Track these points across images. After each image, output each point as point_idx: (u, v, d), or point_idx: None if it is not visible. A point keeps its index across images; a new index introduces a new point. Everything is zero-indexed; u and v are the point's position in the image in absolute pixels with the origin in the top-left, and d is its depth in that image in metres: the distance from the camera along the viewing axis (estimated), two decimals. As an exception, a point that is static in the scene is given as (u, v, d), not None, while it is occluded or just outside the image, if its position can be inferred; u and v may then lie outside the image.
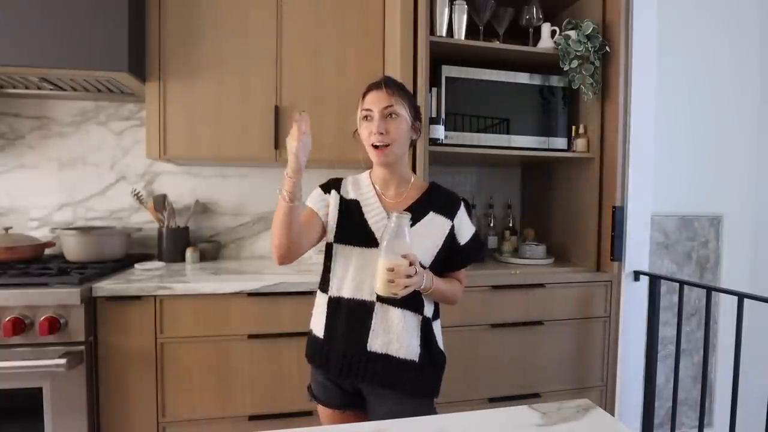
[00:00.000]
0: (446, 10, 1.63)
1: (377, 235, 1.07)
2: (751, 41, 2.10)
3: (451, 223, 1.13)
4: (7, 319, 1.29)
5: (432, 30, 1.61)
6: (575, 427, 0.67)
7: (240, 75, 1.73)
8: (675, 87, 2.01)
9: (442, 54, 1.68)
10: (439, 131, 1.61)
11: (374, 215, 1.11)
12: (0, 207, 1.88)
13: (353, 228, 1.10)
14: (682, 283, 1.67)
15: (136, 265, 1.70)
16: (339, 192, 1.15)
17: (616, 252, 1.71)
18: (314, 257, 1.87)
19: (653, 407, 1.80)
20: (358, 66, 1.80)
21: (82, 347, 1.35)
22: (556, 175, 1.98)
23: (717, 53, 2.07)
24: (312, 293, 1.20)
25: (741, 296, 1.43)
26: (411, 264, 0.96)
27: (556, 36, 1.73)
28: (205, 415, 1.48)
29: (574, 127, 1.79)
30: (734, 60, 2.09)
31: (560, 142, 1.81)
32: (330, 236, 1.12)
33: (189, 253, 1.85)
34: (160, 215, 1.88)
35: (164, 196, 1.91)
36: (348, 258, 1.09)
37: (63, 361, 1.29)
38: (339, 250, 1.11)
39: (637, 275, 1.76)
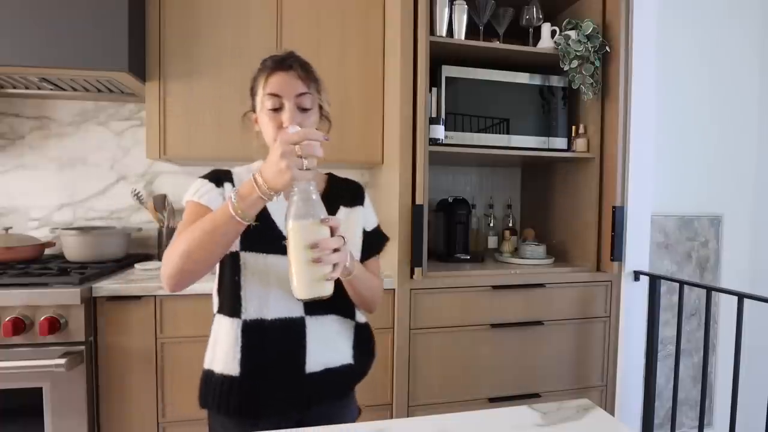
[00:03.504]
0: (446, 10, 1.63)
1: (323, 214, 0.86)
2: (751, 41, 2.11)
3: (363, 209, 1.03)
4: (7, 319, 1.29)
5: (432, 30, 1.61)
6: (575, 427, 0.67)
7: (240, 75, 1.72)
8: (675, 87, 2.01)
9: (442, 54, 1.68)
10: (439, 131, 1.61)
11: (281, 214, 0.87)
12: (0, 207, 1.88)
13: (261, 231, 0.86)
14: (682, 283, 1.67)
15: (136, 265, 1.70)
16: (233, 185, 0.94)
17: (616, 252, 1.71)
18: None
19: (653, 407, 1.80)
20: (358, 66, 1.80)
21: (82, 347, 1.35)
22: (556, 175, 1.98)
23: (717, 53, 2.07)
24: None
25: (741, 296, 1.43)
26: (333, 231, 0.76)
27: (556, 36, 1.73)
28: (205, 415, 1.48)
29: (574, 127, 1.79)
30: (734, 60, 2.09)
31: (560, 142, 1.81)
32: (234, 244, 0.88)
33: (189, 253, 1.84)
34: (160, 215, 1.88)
35: (164, 196, 1.91)
36: (264, 269, 0.89)
37: (63, 361, 1.29)
38: (249, 260, 0.89)
39: (637, 275, 1.76)
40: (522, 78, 1.76)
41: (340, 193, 1.02)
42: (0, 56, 1.46)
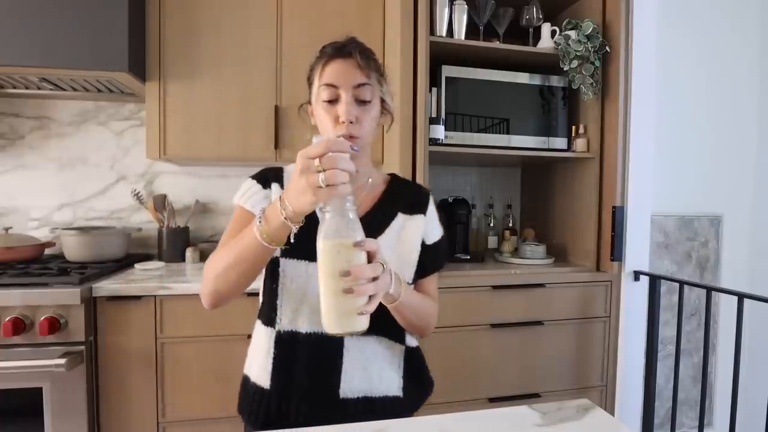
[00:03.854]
0: (446, 10, 1.62)
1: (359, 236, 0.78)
2: (751, 41, 2.10)
3: (425, 219, 0.90)
4: (7, 319, 1.29)
5: (432, 30, 1.61)
6: (575, 427, 0.67)
7: (240, 75, 1.73)
8: (675, 87, 2.01)
9: (442, 54, 1.68)
10: (439, 131, 1.61)
11: None
12: (0, 207, 1.88)
13: (305, 236, 0.72)
14: (682, 283, 1.67)
15: (136, 265, 1.70)
16: (281, 186, 0.87)
17: (616, 252, 1.71)
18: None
19: (653, 407, 1.80)
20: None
21: (82, 347, 1.35)
22: (556, 175, 1.98)
23: (717, 53, 2.07)
24: None
25: (741, 296, 1.43)
26: (371, 256, 0.65)
27: (556, 36, 1.73)
28: (205, 415, 1.48)
29: (574, 127, 1.79)
30: (734, 60, 2.09)
31: (560, 142, 1.81)
32: (277, 250, 0.79)
33: (189, 253, 1.84)
34: (160, 215, 1.88)
35: (164, 196, 1.91)
36: (305, 278, 0.81)
37: (63, 361, 1.29)
38: (288, 267, 0.82)
39: (637, 275, 1.76)
40: (522, 78, 1.76)
41: (399, 198, 0.90)
42: (0, 56, 1.46)
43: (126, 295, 1.41)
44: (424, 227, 0.90)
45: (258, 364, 0.87)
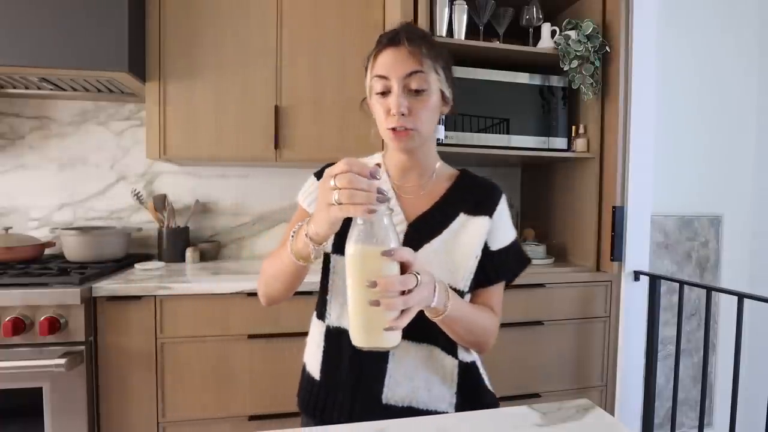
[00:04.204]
0: (446, 10, 1.62)
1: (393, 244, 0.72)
2: (750, 41, 2.11)
3: (490, 221, 0.82)
4: (7, 319, 1.29)
5: (432, 30, 1.61)
6: (575, 427, 0.67)
7: (240, 75, 1.73)
8: (675, 87, 2.01)
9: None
10: (440, 131, 1.61)
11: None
12: (0, 207, 1.88)
13: None
14: (682, 283, 1.67)
15: (136, 265, 1.70)
16: None
17: (616, 252, 1.71)
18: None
19: (653, 407, 1.80)
20: (359, 66, 1.80)
21: (82, 347, 1.35)
22: (556, 175, 1.98)
23: (717, 53, 2.07)
24: (313, 293, 1.17)
25: (741, 296, 1.43)
26: (406, 267, 0.60)
27: (556, 36, 1.73)
28: (205, 415, 1.48)
29: (574, 127, 1.79)
30: (734, 60, 2.09)
31: (560, 142, 1.81)
32: (327, 244, 0.77)
33: (189, 253, 1.84)
34: (160, 215, 1.88)
35: (164, 196, 1.91)
36: None
37: (63, 361, 1.29)
38: (338, 263, 0.81)
39: (637, 275, 1.76)
40: (522, 78, 1.76)
41: (464, 197, 0.83)
42: (0, 56, 1.46)
43: (126, 295, 1.41)
44: (489, 230, 0.82)
45: (311, 355, 0.86)
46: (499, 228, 0.83)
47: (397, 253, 0.58)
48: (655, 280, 1.78)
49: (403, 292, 0.58)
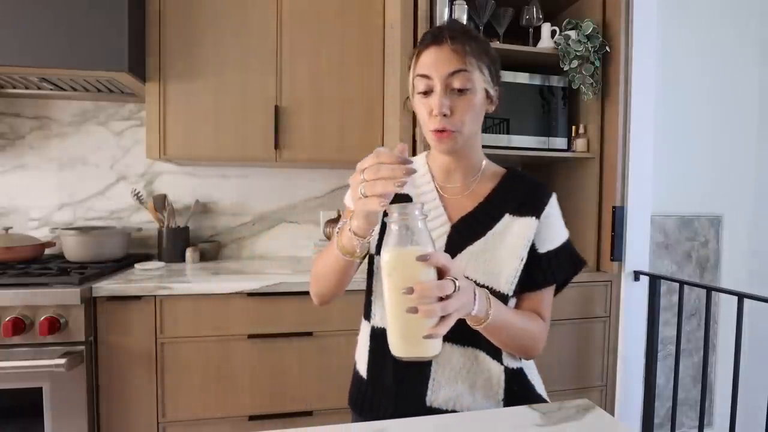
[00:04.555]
0: (446, 10, 1.62)
1: (435, 247, 0.69)
2: (751, 41, 2.10)
3: (537, 222, 0.80)
4: (7, 319, 1.29)
5: (432, 30, 1.61)
6: (575, 427, 0.67)
7: (240, 75, 1.73)
8: (675, 87, 2.01)
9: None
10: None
11: (432, 218, 0.80)
12: (0, 207, 1.88)
13: None
14: (682, 283, 1.67)
15: (136, 265, 1.70)
16: None
17: (616, 252, 1.71)
18: (314, 257, 1.87)
19: (653, 407, 1.80)
20: (359, 66, 1.80)
21: (82, 347, 1.35)
22: (556, 175, 1.98)
23: (717, 53, 2.07)
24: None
25: (741, 296, 1.43)
26: (443, 273, 0.58)
27: (556, 36, 1.73)
28: (205, 415, 1.48)
29: (574, 127, 1.79)
30: (734, 60, 2.09)
31: (560, 142, 1.81)
32: (372, 246, 0.80)
33: (189, 253, 1.85)
34: (160, 215, 1.88)
35: (164, 196, 1.91)
36: None
37: (63, 361, 1.29)
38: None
39: (637, 275, 1.76)
40: (522, 78, 1.76)
41: (510, 197, 0.81)
42: (0, 56, 1.46)
43: (126, 295, 1.41)
44: (536, 232, 0.80)
45: (360, 354, 0.88)
46: (547, 229, 0.82)
47: (433, 257, 0.56)
48: (655, 280, 1.78)
49: (441, 299, 0.56)
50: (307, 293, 1.50)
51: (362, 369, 0.85)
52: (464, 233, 0.79)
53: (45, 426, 1.34)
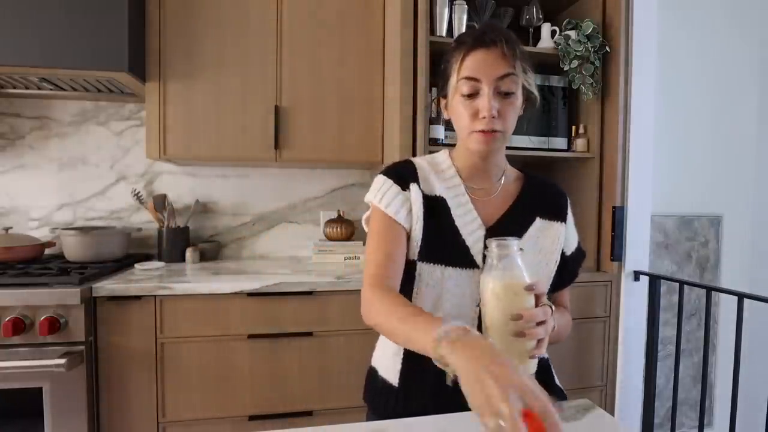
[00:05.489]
0: (446, 10, 1.62)
1: (472, 252, 0.76)
2: (751, 41, 2.10)
3: (565, 227, 0.84)
4: (7, 319, 1.29)
5: (432, 30, 1.61)
6: (575, 427, 0.67)
7: (240, 75, 1.73)
8: (674, 87, 2.01)
9: (443, 54, 1.68)
10: (439, 131, 1.61)
11: (467, 222, 0.78)
12: (0, 207, 1.88)
13: (442, 241, 0.77)
14: (682, 283, 1.67)
15: (136, 265, 1.70)
16: (419, 186, 0.80)
17: (616, 252, 1.71)
18: (314, 257, 1.87)
19: (653, 407, 1.80)
20: (358, 66, 1.80)
21: (82, 347, 1.35)
22: (556, 175, 1.98)
23: (717, 53, 2.06)
24: (313, 293, 1.16)
25: (741, 296, 1.43)
26: (539, 300, 0.65)
27: (556, 36, 1.73)
28: (205, 415, 1.48)
29: (574, 127, 1.79)
30: (734, 60, 2.09)
31: (560, 142, 1.81)
32: (412, 252, 0.78)
33: (189, 253, 1.84)
34: (160, 215, 1.88)
35: (164, 196, 1.91)
36: (439, 282, 0.77)
37: (63, 361, 1.29)
38: (424, 271, 0.78)
39: (637, 275, 1.76)
40: (522, 78, 1.76)
41: (537, 200, 0.83)
42: (0, 56, 1.46)
43: (126, 295, 1.41)
44: (565, 236, 0.83)
45: (386, 361, 0.85)
46: (570, 233, 0.86)
47: (537, 286, 0.64)
48: (655, 280, 1.78)
49: (539, 323, 0.63)
50: (307, 293, 1.50)
51: (390, 377, 0.83)
52: (500, 235, 0.79)
53: (45, 426, 1.34)
